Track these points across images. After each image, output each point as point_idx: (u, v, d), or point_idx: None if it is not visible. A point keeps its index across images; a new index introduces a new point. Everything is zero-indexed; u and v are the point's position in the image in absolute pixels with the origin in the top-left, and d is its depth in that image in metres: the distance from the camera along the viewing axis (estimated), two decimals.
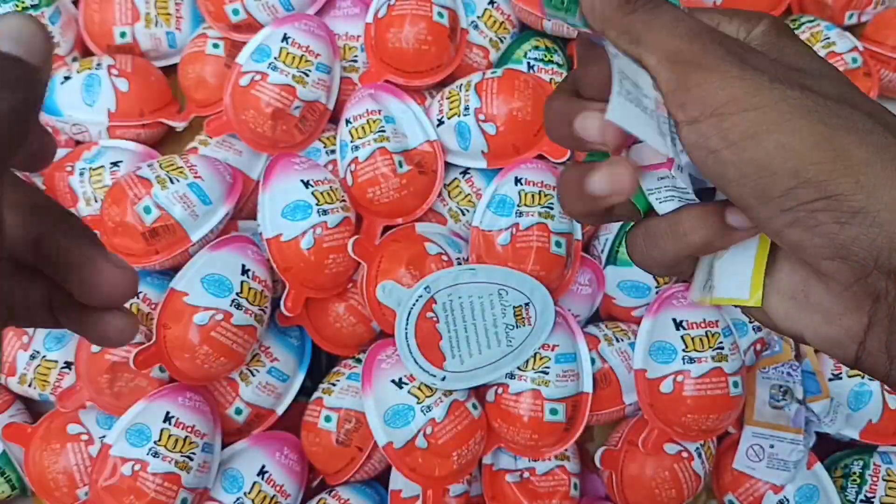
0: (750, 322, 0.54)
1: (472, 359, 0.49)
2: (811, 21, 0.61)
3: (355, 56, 0.58)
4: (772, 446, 0.51)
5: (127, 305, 0.49)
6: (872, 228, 0.20)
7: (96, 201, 0.54)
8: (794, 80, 0.22)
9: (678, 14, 0.23)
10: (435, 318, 0.48)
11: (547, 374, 0.49)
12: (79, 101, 0.55)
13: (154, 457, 0.46)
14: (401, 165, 0.51)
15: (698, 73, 0.22)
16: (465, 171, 0.55)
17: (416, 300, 0.48)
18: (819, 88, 0.22)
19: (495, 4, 0.58)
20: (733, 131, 0.21)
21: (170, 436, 0.47)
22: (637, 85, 0.22)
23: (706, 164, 0.22)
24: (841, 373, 0.53)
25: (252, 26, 0.56)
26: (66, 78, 0.56)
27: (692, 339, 0.50)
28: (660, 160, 0.24)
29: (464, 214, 0.54)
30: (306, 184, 0.51)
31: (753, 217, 0.22)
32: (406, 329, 0.48)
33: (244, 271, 0.50)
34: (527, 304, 0.49)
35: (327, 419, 0.51)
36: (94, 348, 0.49)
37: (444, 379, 0.48)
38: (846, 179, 0.20)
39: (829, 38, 0.59)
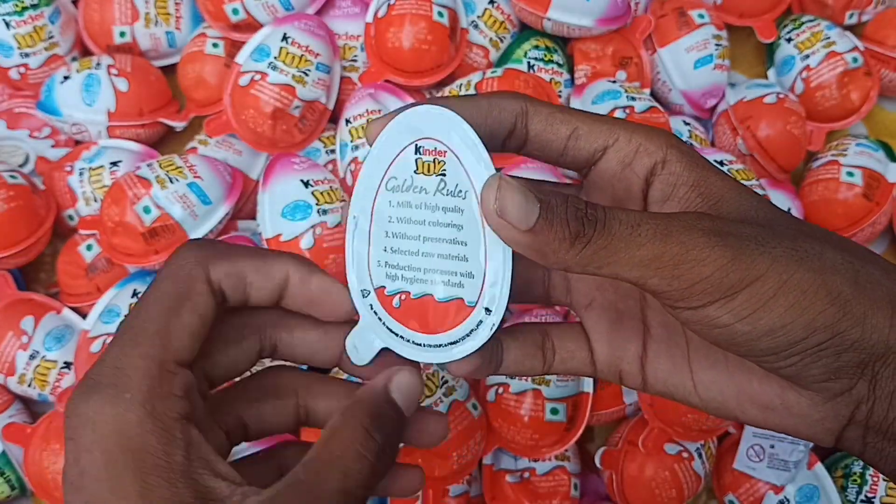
0: None
1: None
2: (811, 20, 0.61)
3: (355, 56, 0.58)
4: (772, 446, 0.51)
5: (125, 307, 0.50)
6: (863, 352, 0.22)
7: (95, 201, 0.54)
8: (762, 232, 0.23)
9: (630, 219, 0.22)
10: None
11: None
12: (78, 101, 0.55)
13: None
14: None
15: (691, 269, 0.21)
16: None
17: None
18: (779, 229, 0.23)
19: (495, 4, 0.58)
20: (745, 307, 0.22)
21: None
22: None
23: (711, 334, 0.23)
24: None
25: (252, 26, 0.56)
26: (66, 77, 0.56)
27: None
28: None
29: None
30: (306, 184, 0.51)
31: (751, 359, 0.23)
32: None
33: None
34: None
35: None
36: (94, 348, 0.49)
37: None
38: (846, 318, 0.22)
39: (829, 38, 0.59)
